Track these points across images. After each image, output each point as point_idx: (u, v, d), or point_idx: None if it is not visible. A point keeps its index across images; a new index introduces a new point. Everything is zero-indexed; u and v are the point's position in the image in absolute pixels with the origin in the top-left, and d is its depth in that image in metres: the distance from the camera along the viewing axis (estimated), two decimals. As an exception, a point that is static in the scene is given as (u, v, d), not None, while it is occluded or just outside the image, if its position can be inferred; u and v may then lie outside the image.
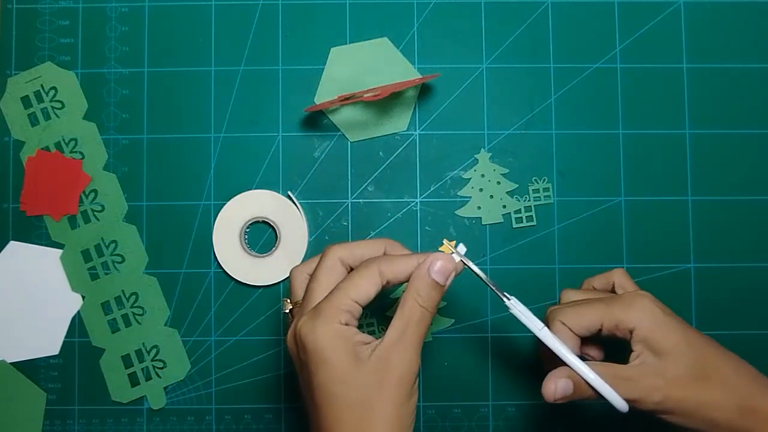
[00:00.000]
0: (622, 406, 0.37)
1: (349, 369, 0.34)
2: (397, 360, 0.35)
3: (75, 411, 0.50)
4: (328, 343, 0.34)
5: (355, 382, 0.34)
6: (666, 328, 0.38)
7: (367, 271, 0.37)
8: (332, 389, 0.34)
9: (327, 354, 0.34)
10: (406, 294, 0.36)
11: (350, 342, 0.35)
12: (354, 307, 0.36)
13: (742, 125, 0.51)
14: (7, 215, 0.50)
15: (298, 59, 0.51)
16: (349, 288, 0.36)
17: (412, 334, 0.35)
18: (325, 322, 0.35)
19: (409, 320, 0.36)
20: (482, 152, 0.51)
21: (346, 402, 0.34)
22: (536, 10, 0.52)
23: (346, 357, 0.34)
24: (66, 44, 0.51)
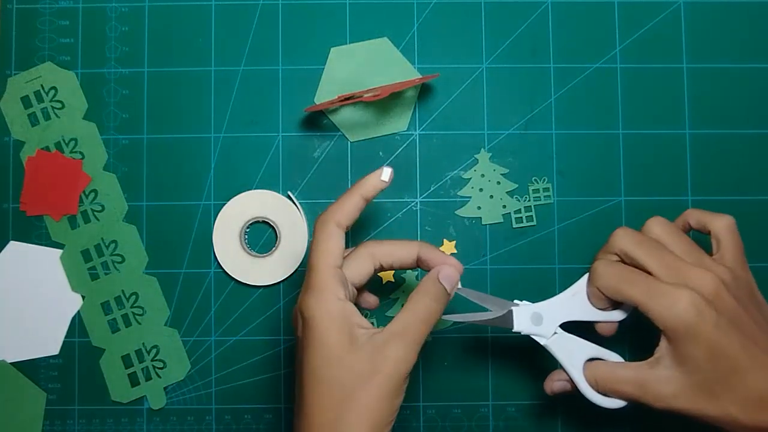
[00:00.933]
0: (617, 405, 0.39)
1: (340, 349, 0.34)
2: (394, 352, 0.34)
3: (75, 411, 0.50)
4: (326, 317, 0.34)
5: (343, 364, 0.33)
6: (693, 336, 0.35)
7: (359, 252, 0.38)
8: (320, 369, 0.34)
9: (322, 329, 0.34)
10: (416, 293, 0.37)
11: (348, 321, 0.34)
12: (349, 285, 0.36)
13: (742, 125, 0.51)
14: (7, 215, 0.50)
15: (298, 59, 0.51)
16: (344, 267, 0.37)
17: (416, 330, 0.35)
18: (325, 295, 0.35)
19: (416, 316, 0.35)
20: (482, 152, 0.51)
21: (330, 384, 0.33)
22: (536, 10, 0.52)
23: (340, 335, 0.34)
24: (66, 44, 0.51)
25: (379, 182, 0.38)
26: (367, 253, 0.38)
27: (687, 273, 0.36)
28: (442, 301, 0.37)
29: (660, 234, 0.39)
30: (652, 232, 0.39)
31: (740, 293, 0.37)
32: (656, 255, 0.38)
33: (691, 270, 0.36)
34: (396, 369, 0.34)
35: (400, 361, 0.34)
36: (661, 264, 0.37)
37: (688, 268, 0.37)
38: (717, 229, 0.40)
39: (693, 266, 0.37)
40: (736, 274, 0.38)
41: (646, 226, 0.40)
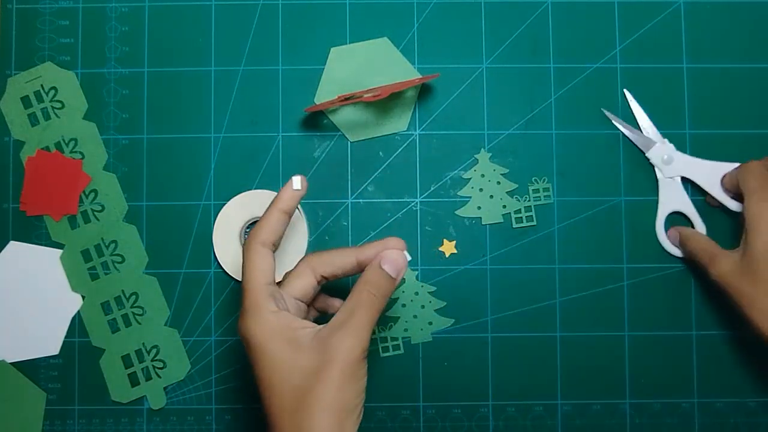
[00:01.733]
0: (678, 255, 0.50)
1: (286, 356, 0.35)
2: (338, 342, 0.35)
3: (75, 411, 0.50)
4: (261, 332, 0.36)
5: (293, 368, 0.35)
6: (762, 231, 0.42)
7: (299, 267, 0.40)
8: (272, 379, 0.35)
9: (263, 345, 0.35)
10: (357, 283, 0.38)
11: (285, 328, 0.36)
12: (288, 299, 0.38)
13: (742, 125, 0.51)
14: (7, 215, 0.51)
15: (298, 59, 0.51)
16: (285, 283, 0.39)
17: (360, 317, 0.36)
18: (258, 312, 0.36)
19: (357, 304, 0.36)
20: (482, 152, 0.51)
21: (285, 389, 0.35)
22: (536, 10, 0.52)
23: (280, 344, 0.35)
24: (66, 44, 0.51)
25: (292, 192, 0.39)
26: (305, 266, 0.39)
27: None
28: (383, 288, 0.38)
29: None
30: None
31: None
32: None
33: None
34: (344, 356, 0.35)
35: (347, 348, 0.35)
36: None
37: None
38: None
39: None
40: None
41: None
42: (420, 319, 0.50)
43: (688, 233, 0.48)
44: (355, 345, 0.35)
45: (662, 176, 0.50)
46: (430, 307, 0.50)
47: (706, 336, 0.50)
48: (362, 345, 0.35)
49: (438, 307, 0.50)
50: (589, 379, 0.50)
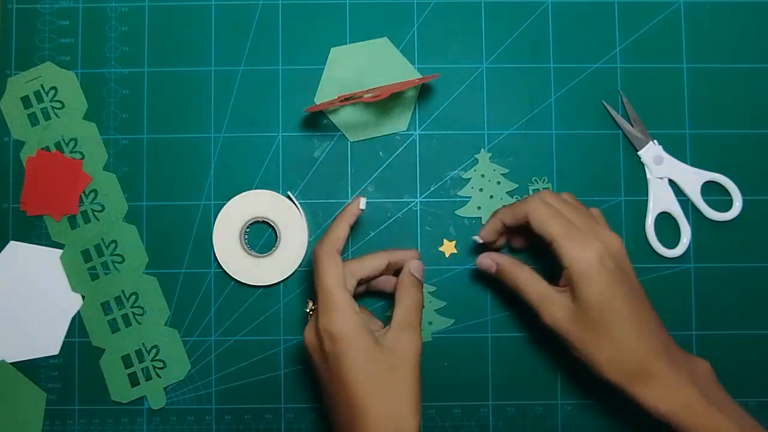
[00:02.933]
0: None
1: (372, 349, 0.40)
2: (406, 340, 0.41)
3: (75, 411, 0.50)
4: (354, 330, 0.40)
5: (377, 359, 0.40)
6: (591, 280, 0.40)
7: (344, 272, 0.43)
8: (360, 367, 0.39)
9: (353, 338, 0.40)
10: (400, 289, 0.44)
11: (367, 327, 0.41)
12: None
13: (742, 125, 0.51)
14: (7, 215, 0.50)
15: (298, 59, 0.51)
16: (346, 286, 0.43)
17: (414, 317, 0.43)
18: (345, 311, 0.40)
19: (410, 306, 0.43)
20: (482, 152, 0.51)
21: (373, 377, 0.39)
22: (536, 10, 0.52)
23: (368, 338, 0.40)
24: (66, 44, 0.51)
25: (358, 210, 0.44)
26: (349, 272, 0.43)
27: (598, 230, 0.42)
28: (419, 288, 0.44)
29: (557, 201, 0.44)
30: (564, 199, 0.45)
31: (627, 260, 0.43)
32: (575, 212, 0.43)
33: (598, 227, 0.42)
34: (413, 351, 0.41)
35: (413, 344, 0.41)
36: (578, 219, 0.43)
37: (600, 227, 0.43)
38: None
39: (599, 225, 0.43)
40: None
41: (544, 195, 0.44)
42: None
43: (510, 268, 0.44)
44: (418, 342, 0.42)
45: (651, 176, 0.50)
46: (430, 307, 0.50)
47: (706, 336, 0.50)
48: (420, 340, 0.42)
49: (438, 307, 0.50)
50: (589, 379, 0.50)
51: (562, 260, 0.41)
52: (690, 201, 0.50)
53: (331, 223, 0.44)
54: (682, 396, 0.39)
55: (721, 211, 0.50)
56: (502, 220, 0.45)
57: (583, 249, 0.40)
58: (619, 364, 0.40)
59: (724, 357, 0.50)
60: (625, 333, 0.40)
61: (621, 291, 0.40)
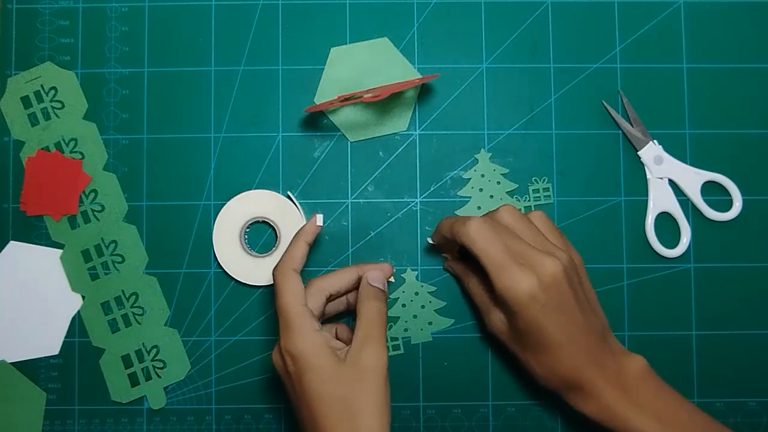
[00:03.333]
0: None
1: (331, 368, 0.39)
2: (369, 355, 0.40)
3: (75, 411, 0.50)
4: (311, 350, 0.40)
5: (337, 379, 0.39)
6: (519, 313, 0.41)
7: (311, 290, 0.43)
8: (319, 388, 0.39)
9: (312, 359, 0.40)
10: (359, 303, 0.43)
11: (328, 346, 0.40)
12: (315, 316, 0.42)
13: (742, 125, 0.51)
14: (7, 215, 0.50)
15: (298, 59, 0.51)
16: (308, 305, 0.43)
17: (375, 330, 0.41)
18: (305, 330, 0.40)
19: (370, 320, 0.42)
20: (482, 152, 0.51)
21: (332, 397, 0.39)
22: (536, 10, 0.52)
23: (327, 358, 0.40)
24: (66, 44, 0.51)
25: (316, 227, 0.45)
26: (317, 289, 0.44)
27: (533, 258, 0.41)
28: (380, 299, 0.43)
29: (510, 221, 0.43)
30: (503, 219, 0.43)
31: (572, 274, 0.42)
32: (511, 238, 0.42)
33: (537, 256, 0.41)
34: (376, 365, 0.40)
35: (376, 357, 0.40)
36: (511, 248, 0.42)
37: (534, 254, 0.41)
38: (533, 220, 0.45)
39: (538, 252, 0.41)
40: (570, 256, 0.42)
41: (499, 214, 0.44)
42: (420, 319, 0.50)
43: (462, 277, 0.48)
44: (381, 354, 0.40)
45: (651, 176, 0.50)
46: (430, 307, 0.50)
47: (706, 336, 0.50)
48: (386, 352, 0.41)
49: (438, 307, 0.50)
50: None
51: (496, 292, 0.41)
52: (690, 201, 0.50)
53: (289, 243, 0.44)
54: (605, 400, 0.41)
55: (721, 211, 0.50)
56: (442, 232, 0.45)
57: (514, 285, 0.40)
58: (551, 377, 0.43)
59: (724, 357, 0.50)
60: (556, 354, 0.41)
61: (551, 319, 0.40)
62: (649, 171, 0.50)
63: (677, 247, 0.50)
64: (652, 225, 0.50)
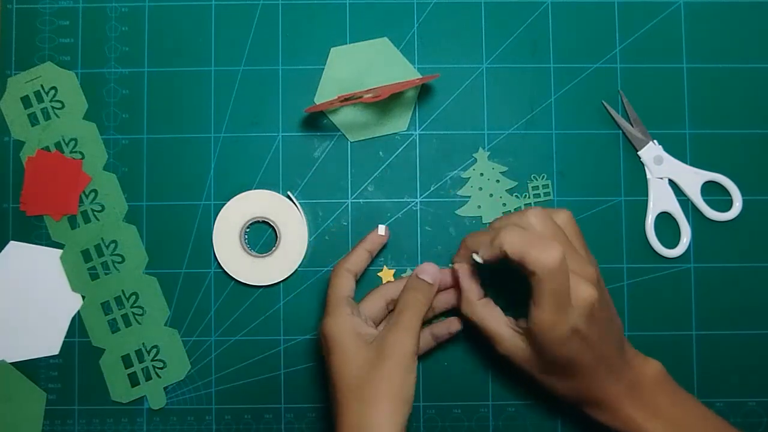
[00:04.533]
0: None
1: (354, 351, 0.41)
2: (392, 340, 0.41)
3: (75, 411, 0.50)
4: (339, 331, 0.42)
5: (358, 359, 0.41)
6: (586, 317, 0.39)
7: (372, 293, 0.47)
8: (341, 367, 0.41)
9: (338, 339, 0.42)
10: (402, 291, 0.45)
11: (356, 329, 0.42)
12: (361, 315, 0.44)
13: (742, 125, 0.51)
14: (7, 215, 0.50)
15: (298, 59, 0.51)
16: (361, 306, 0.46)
17: (406, 319, 0.42)
18: (336, 314, 0.43)
19: (404, 306, 0.43)
20: (480, 151, 0.51)
21: (352, 377, 0.40)
22: (536, 10, 0.52)
23: (352, 341, 0.41)
24: (66, 44, 0.51)
25: (377, 237, 0.48)
26: (378, 293, 0.46)
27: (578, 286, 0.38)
28: (424, 292, 0.44)
29: (541, 228, 0.40)
30: (532, 227, 0.40)
31: (602, 294, 0.40)
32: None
33: (573, 284, 0.38)
34: (396, 351, 0.40)
35: (398, 346, 0.40)
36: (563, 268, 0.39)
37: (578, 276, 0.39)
38: (558, 221, 0.42)
39: (574, 277, 0.38)
40: (596, 270, 0.41)
41: (526, 219, 0.41)
42: (420, 319, 0.50)
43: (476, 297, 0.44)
44: (405, 341, 0.41)
45: (651, 176, 0.50)
46: (430, 307, 0.50)
47: (706, 336, 0.50)
48: (412, 341, 0.41)
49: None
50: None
51: (532, 325, 0.39)
52: (690, 201, 0.50)
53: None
54: (624, 411, 0.41)
55: (721, 211, 0.50)
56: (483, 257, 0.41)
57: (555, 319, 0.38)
58: (575, 398, 0.42)
59: (724, 357, 0.50)
60: (585, 380, 0.41)
61: (585, 349, 0.39)
62: (649, 171, 0.50)
63: (677, 247, 0.50)
64: (652, 225, 0.50)
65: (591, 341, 0.39)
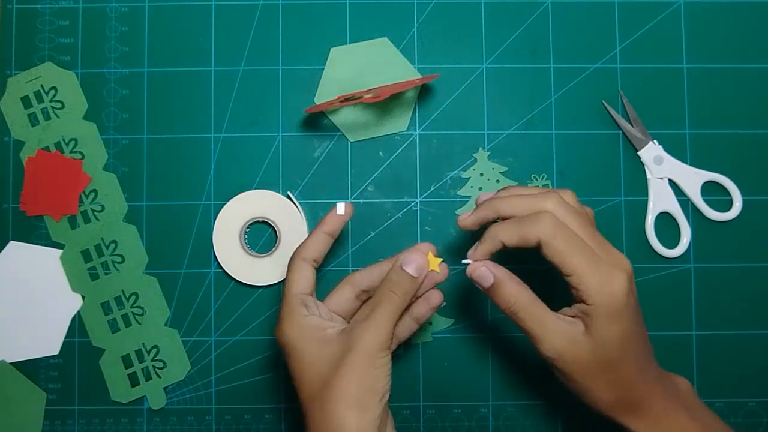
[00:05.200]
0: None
1: (314, 351, 0.38)
2: (359, 332, 0.38)
3: (75, 411, 0.50)
4: (294, 334, 0.39)
5: (320, 360, 0.38)
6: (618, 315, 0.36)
7: (339, 284, 0.43)
8: (302, 372, 0.38)
9: (295, 343, 0.39)
10: (381, 282, 0.40)
11: (315, 329, 0.39)
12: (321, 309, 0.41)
13: (742, 125, 0.51)
14: (7, 215, 0.50)
15: (298, 59, 0.51)
16: (326, 299, 0.42)
17: (380, 312, 0.38)
18: (288, 318, 0.40)
19: (378, 301, 0.39)
20: (480, 151, 0.51)
21: (313, 380, 0.37)
22: (536, 10, 0.52)
23: (309, 344, 0.38)
24: (66, 44, 0.51)
25: (336, 217, 0.43)
26: (344, 282, 0.43)
27: (615, 256, 0.37)
28: (405, 287, 0.39)
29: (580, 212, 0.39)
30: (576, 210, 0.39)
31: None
32: (590, 230, 0.37)
33: (614, 250, 0.37)
34: (363, 345, 0.37)
35: (366, 338, 0.37)
36: (593, 239, 0.37)
37: (612, 249, 0.37)
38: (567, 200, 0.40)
39: (612, 247, 0.37)
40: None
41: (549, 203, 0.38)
42: (420, 319, 0.50)
43: (509, 287, 0.39)
44: (373, 335, 0.37)
45: (651, 176, 0.50)
46: (430, 307, 0.50)
47: (706, 336, 0.50)
48: (381, 336, 0.37)
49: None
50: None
51: (585, 296, 0.36)
52: (690, 201, 0.50)
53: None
54: (674, 423, 0.38)
55: (721, 211, 0.50)
56: (503, 242, 0.38)
57: (610, 284, 0.36)
58: (617, 400, 0.38)
59: (724, 357, 0.50)
60: (632, 370, 0.37)
61: (640, 327, 0.37)
62: (649, 171, 0.50)
63: (677, 247, 0.50)
64: (652, 225, 0.50)
65: (636, 316, 0.36)
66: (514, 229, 0.38)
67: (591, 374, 0.37)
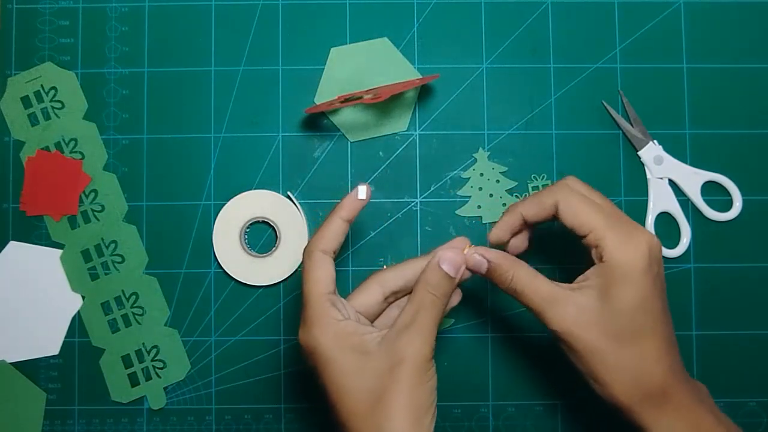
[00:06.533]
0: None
1: (355, 361, 0.35)
2: (406, 343, 0.35)
3: (75, 411, 0.50)
4: (331, 343, 0.35)
5: (364, 371, 0.35)
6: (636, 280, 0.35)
7: (367, 282, 0.40)
8: (344, 384, 0.35)
9: (332, 352, 0.35)
10: (416, 284, 0.37)
11: (352, 336, 0.36)
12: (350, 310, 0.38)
13: (742, 125, 0.51)
14: (7, 215, 0.50)
15: (298, 59, 0.51)
16: (351, 299, 0.39)
17: (423, 318, 0.36)
18: (320, 323, 0.36)
19: (420, 306, 0.36)
20: (480, 151, 0.51)
21: (359, 392, 0.35)
22: (536, 10, 0.52)
23: (349, 351, 0.35)
24: (66, 44, 0.51)
25: (356, 201, 0.39)
26: (371, 281, 0.39)
27: (635, 224, 0.37)
28: (443, 286, 0.37)
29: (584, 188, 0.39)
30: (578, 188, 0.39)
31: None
32: (611, 203, 0.38)
33: (638, 224, 0.37)
34: (413, 357, 0.35)
35: (414, 350, 0.35)
36: (616, 211, 0.37)
37: (636, 223, 0.37)
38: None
39: (634, 221, 0.37)
40: None
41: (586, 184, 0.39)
42: (420, 319, 0.50)
43: (504, 265, 0.38)
44: (422, 345, 0.35)
45: (651, 176, 0.50)
46: (430, 307, 0.50)
47: (706, 336, 0.50)
48: (429, 345, 0.36)
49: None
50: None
51: (604, 253, 0.35)
52: (690, 201, 0.50)
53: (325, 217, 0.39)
54: (695, 417, 0.35)
55: (721, 211, 0.50)
56: (523, 213, 0.38)
57: (631, 243, 0.35)
58: (633, 383, 0.35)
59: (724, 357, 0.50)
60: (652, 348, 0.35)
61: (661, 300, 0.35)
62: (649, 171, 0.50)
63: (677, 247, 0.50)
64: (652, 225, 0.50)
65: (659, 288, 0.35)
66: (532, 199, 0.39)
67: (604, 351, 0.35)
